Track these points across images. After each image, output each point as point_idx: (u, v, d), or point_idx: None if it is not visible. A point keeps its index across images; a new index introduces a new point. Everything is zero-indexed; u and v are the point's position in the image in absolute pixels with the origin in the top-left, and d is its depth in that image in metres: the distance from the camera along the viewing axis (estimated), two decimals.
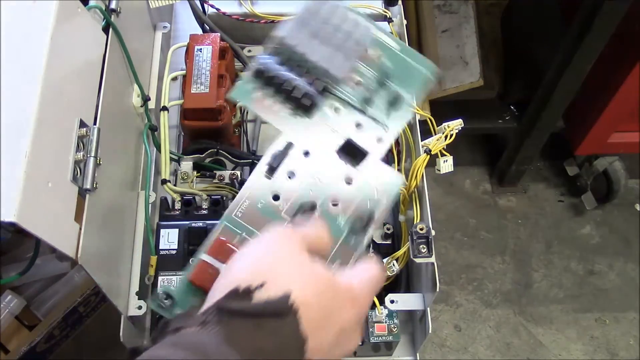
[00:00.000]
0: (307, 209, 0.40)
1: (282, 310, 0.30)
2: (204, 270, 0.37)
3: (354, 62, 0.42)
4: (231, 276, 0.32)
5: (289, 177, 0.40)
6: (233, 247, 0.38)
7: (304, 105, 0.41)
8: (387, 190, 0.41)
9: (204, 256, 0.37)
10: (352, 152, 0.41)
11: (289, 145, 0.41)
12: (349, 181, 0.41)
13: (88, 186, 0.45)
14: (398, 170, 0.60)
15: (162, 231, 0.55)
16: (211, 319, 0.30)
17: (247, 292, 0.31)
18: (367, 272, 0.35)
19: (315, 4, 0.43)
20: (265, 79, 0.42)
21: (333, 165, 0.41)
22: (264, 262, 0.33)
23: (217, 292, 0.32)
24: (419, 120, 0.60)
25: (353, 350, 0.35)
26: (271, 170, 0.40)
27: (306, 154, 0.41)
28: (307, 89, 0.41)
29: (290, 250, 0.33)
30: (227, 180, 0.59)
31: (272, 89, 0.42)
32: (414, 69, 0.44)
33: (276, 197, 0.40)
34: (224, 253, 0.37)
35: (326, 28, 0.42)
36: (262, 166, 0.40)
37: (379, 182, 0.41)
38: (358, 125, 0.42)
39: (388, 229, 0.62)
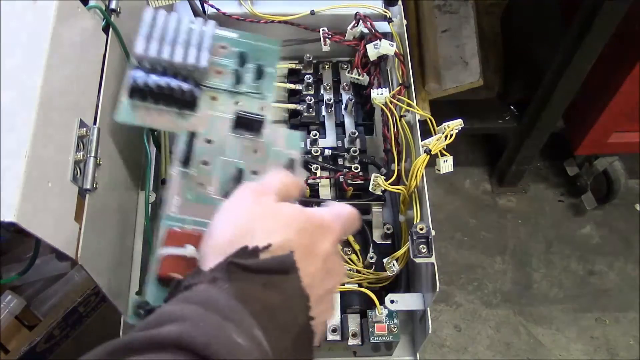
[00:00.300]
0: (236, 177, 0.43)
1: (286, 267, 0.32)
2: (169, 262, 0.38)
3: (208, 54, 0.46)
4: (231, 234, 0.34)
5: (204, 164, 0.44)
6: (186, 231, 0.40)
7: (187, 102, 0.45)
8: (292, 145, 0.46)
9: (164, 250, 0.39)
10: (245, 125, 0.45)
11: (192, 135, 0.44)
12: (255, 150, 0.45)
13: (88, 186, 0.45)
14: (398, 169, 0.60)
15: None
16: (221, 276, 0.31)
17: (255, 251, 0.32)
18: (337, 207, 0.38)
19: (147, 15, 0.46)
20: (140, 93, 0.45)
21: (236, 142, 0.45)
22: (270, 226, 0.34)
23: (217, 248, 0.33)
24: (419, 120, 0.60)
25: (342, 278, 0.38)
26: (185, 161, 0.43)
27: (208, 141, 0.45)
28: (183, 87, 0.45)
29: (269, 204, 0.35)
30: None
31: (152, 99, 0.45)
32: (261, 46, 0.49)
33: (201, 184, 0.43)
34: (179, 239, 0.39)
35: (169, 33, 0.46)
36: (176, 162, 0.43)
37: (281, 142, 0.46)
38: (237, 103, 0.47)
39: (388, 229, 0.62)
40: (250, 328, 0.30)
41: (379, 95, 0.61)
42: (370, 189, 0.59)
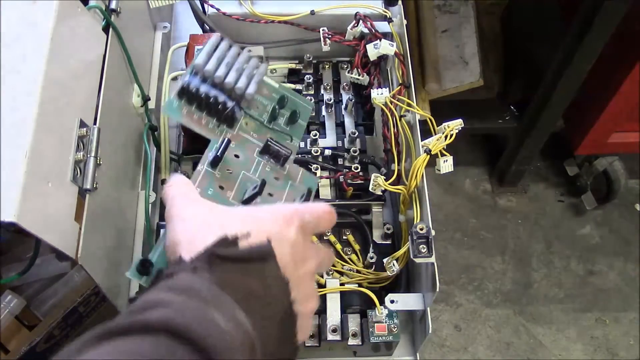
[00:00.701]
0: (258, 185, 0.47)
1: (264, 255, 0.34)
2: None
3: (256, 86, 0.51)
4: (217, 228, 0.35)
5: (228, 172, 0.48)
6: None
7: (227, 117, 0.49)
8: (308, 184, 0.51)
9: None
10: (273, 153, 0.50)
11: (228, 143, 0.48)
12: (277, 177, 0.50)
13: (88, 186, 0.45)
14: (398, 169, 0.60)
15: (162, 231, 0.55)
16: (201, 265, 0.33)
17: (235, 240, 0.34)
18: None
19: (214, 38, 0.51)
20: (189, 96, 0.49)
21: (260, 164, 0.50)
22: (248, 218, 0.37)
23: (199, 241, 0.34)
24: (419, 120, 0.60)
25: (317, 262, 0.39)
26: (214, 164, 0.47)
27: (237, 156, 0.49)
28: (228, 103, 0.49)
29: (280, 219, 0.37)
30: None
31: (198, 105, 0.49)
32: (297, 102, 0.54)
33: (221, 187, 0.47)
34: None
35: (227, 58, 0.50)
36: (206, 161, 0.47)
37: (299, 179, 0.51)
38: (270, 139, 0.50)
39: (388, 229, 0.62)
40: (232, 311, 0.31)
41: (379, 95, 0.61)
42: (370, 189, 0.59)
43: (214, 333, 0.28)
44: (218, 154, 0.47)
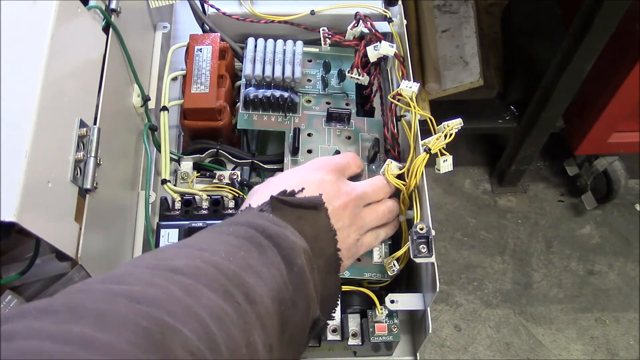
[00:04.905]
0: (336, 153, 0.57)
1: (316, 205, 0.43)
2: None
3: (300, 67, 0.59)
4: (281, 183, 0.45)
5: (309, 152, 0.57)
6: None
7: (289, 107, 0.58)
8: (373, 129, 0.60)
9: None
10: (336, 118, 0.58)
11: (297, 131, 0.57)
12: (348, 136, 0.59)
13: (88, 186, 0.45)
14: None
15: (162, 231, 0.55)
16: (266, 208, 0.41)
17: (292, 193, 0.44)
18: (372, 179, 0.52)
19: (250, 43, 0.60)
20: (252, 104, 0.58)
21: (331, 132, 0.59)
22: (304, 177, 0.47)
23: (265, 194, 0.43)
24: (419, 120, 0.60)
25: (372, 223, 0.50)
26: (294, 152, 0.56)
27: (309, 135, 0.58)
28: (284, 95, 0.58)
29: (322, 173, 0.47)
30: (227, 180, 0.59)
31: (262, 108, 0.59)
32: (339, 55, 0.65)
33: None
34: None
35: (267, 55, 0.59)
36: (287, 153, 0.56)
37: (365, 128, 0.60)
38: (328, 103, 0.60)
39: None
40: (294, 233, 0.40)
41: (408, 89, 0.59)
42: (380, 172, 0.58)
43: (285, 237, 0.38)
44: (296, 145, 0.55)
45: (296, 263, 0.37)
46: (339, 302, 0.47)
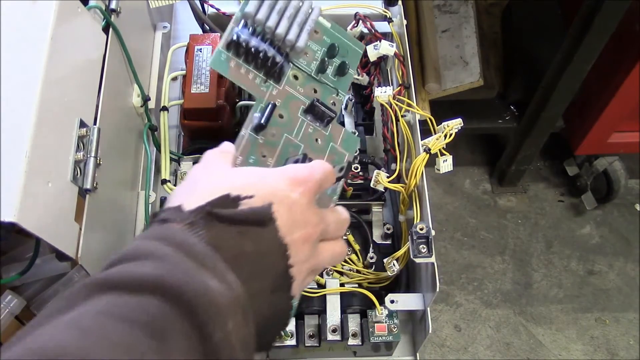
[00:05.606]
0: (298, 159, 0.44)
1: (263, 218, 0.34)
2: None
3: (307, 36, 0.49)
4: (228, 183, 0.35)
5: (272, 136, 0.46)
6: None
7: (274, 72, 0.47)
8: (349, 147, 0.50)
9: None
10: (317, 114, 0.48)
11: (274, 107, 0.46)
12: (317, 139, 0.48)
13: (88, 186, 0.45)
14: (398, 169, 0.60)
15: None
16: (198, 221, 0.32)
17: (237, 199, 0.34)
18: (337, 211, 0.40)
19: None
20: (237, 48, 0.46)
21: (303, 125, 0.48)
22: (254, 179, 0.36)
23: (203, 195, 0.34)
24: (419, 120, 0.60)
25: (325, 264, 0.39)
26: (259, 129, 0.45)
27: (281, 116, 0.47)
28: (277, 58, 0.47)
29: (298, 192, 0.36)
30: None
31: (245, 58, 0.47)
32: (348, 44, 0.53)
33: (263, 155, 0.45)
34: None
35: (279, 4, 0.48)
36: (250, 126, 0.45)
37: (340, 141, 0.49)
38: (315, 91, 0.50)
39: (388, 229, 0.62)
40: (223, 273, 0.30)
41: (383, 94, 0.61)
42: (371, 184, 0.58)
43: (205, 296, 0.28)
44: (262, 121, 0.45)
45: (215, 334, 0.28)
46: (290, 321, 0.40)
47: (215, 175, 0.37)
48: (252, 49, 0.46)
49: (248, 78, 0.47)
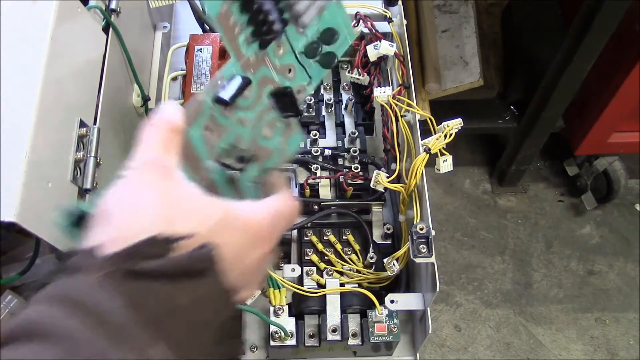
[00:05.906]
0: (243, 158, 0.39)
1: (202, 267, 0.27)
2: None
3: (315, 12, 0.42)
4: (161, 221, 0.27)
5: (227, 114, 0.39)
6: None
7: (264, 35, 0.40)
8: (292, 144, 0.43)
9: None
10: (281, 102, 0.41)
11: (247, 83, 0.39)
12: (269, 127, 0.41)
13: (88, 186, 0.45)
14: (398, 169, 0.60)
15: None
16: (114, 273, 0.25)
17: (167, 243, 0.26)
18: (274, 207, 0.33)
19: None
20: None
21: (261, 109, 0.41)
22: (206, 216, 0.28)
23: (129, 232, 0.26)
24: (419, 120, 0.60)
25: (256, 288, 0.34)
26: (221, 102, 0.38)
27: (244, 95, 0.40)
28: (276, 26, 0.40)
29: (266, 247, 0.31)
30: None
31: (239, 10, 0.39)
32: (343, 31, 0.45)
33: (206, 129, 0.38)
34: None
35: None
36: (215, 86, 0.38)
37: (285, 136, 0.43)
38: (290, 71, 0.42)
39: (388, 229, 0.62)
40: (144, 348, 0.24)
41: (382, 94, 0.61)
42: (371, 184, 0.58)
43: None
44: (228, 98, 0.37)
45: None
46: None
47: (143, 197, 0.28)
48: (255, 4, 0.39)
49: (233, 31, 0.39)
